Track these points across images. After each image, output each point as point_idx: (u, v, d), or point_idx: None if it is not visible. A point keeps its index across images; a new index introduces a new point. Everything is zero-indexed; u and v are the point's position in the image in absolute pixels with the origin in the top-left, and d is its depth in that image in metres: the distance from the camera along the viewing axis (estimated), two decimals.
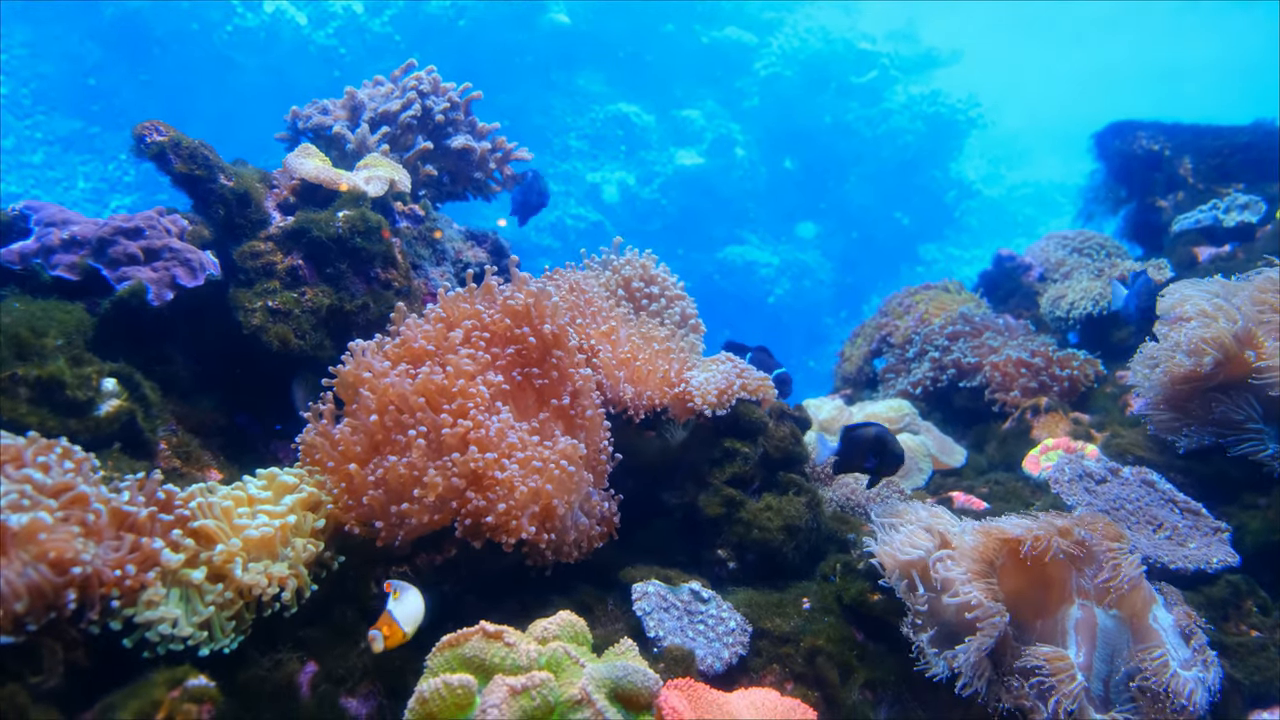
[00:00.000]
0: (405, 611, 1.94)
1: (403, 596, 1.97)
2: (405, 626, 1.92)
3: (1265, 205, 4.59)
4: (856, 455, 2.82)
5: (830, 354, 5.85)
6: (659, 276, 3.33)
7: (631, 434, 2.96)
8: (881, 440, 2.79)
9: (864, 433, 2.81)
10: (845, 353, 5.33)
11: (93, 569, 1.73)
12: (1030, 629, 2.28)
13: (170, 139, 2.84)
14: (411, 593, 1.99)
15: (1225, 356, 2.97)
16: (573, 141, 17.26)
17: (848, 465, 2.87)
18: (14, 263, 2.59)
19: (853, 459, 2.83)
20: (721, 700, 2.02)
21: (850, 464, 2.85)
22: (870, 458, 2.81)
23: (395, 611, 1.93)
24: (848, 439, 2.81)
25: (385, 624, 1.90)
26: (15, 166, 14.42)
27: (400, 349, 2.52)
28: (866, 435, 2.80)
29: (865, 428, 2.83)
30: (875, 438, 2.79)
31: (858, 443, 2.81)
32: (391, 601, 1.95)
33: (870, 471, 2.85)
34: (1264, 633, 2.56)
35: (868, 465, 2.83)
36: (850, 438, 2.81)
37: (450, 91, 3.81)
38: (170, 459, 2.51)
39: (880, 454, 2.80)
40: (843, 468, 2.89)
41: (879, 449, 2.79)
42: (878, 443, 2.79)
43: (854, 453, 2.82)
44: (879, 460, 2.80)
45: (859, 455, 2.81)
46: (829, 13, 19.39)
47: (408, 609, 1.95)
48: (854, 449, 2.81)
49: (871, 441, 2.80)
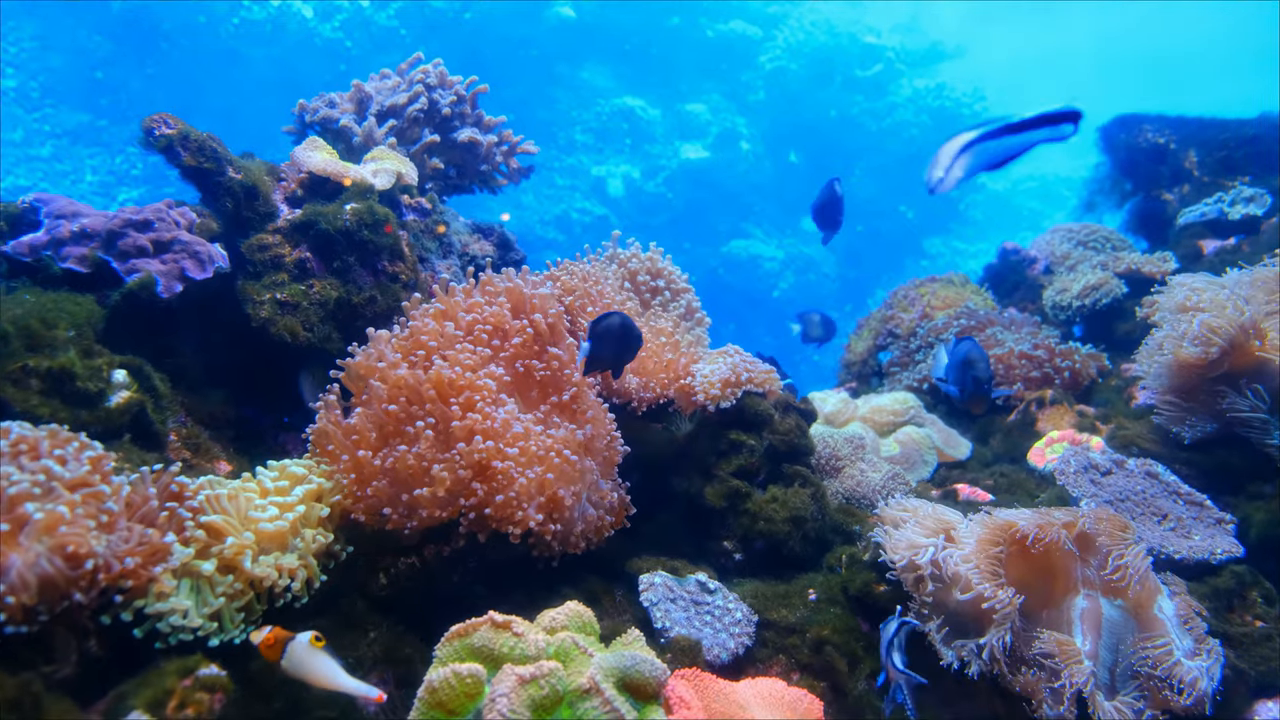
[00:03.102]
0: (309, 648, 1.82)
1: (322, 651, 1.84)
2: (301, 637, 1.82)
3: (1270, 198, 4.58)
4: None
5: (835, 347, 5.85)
6: (665, 270, 3.33)
7: (638, 426, 2.97)
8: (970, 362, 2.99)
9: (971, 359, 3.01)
10: (850, 345, 5.33)
11: (105, 560, 1.75)
12: (1036, 619, 2.29)
13: (179, 132, 2.85)
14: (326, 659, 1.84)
15: (1231, 345, 2.97)
16: (578, 135, 17.27)
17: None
18: (24, 255, 2.60)
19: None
20: (728, 690, 2.03)
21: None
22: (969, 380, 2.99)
23: (300, 639, 1.83)
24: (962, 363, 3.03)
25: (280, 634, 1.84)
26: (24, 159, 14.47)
27: (408, 341, 2.53)
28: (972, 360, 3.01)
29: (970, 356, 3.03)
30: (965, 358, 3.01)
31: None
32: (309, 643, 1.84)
33: (965, 395, 3.02)
34: (1268, 623, 2.56)
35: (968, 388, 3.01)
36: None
37: (456, 85, 3.82)
38: (180, 450, 2.52)
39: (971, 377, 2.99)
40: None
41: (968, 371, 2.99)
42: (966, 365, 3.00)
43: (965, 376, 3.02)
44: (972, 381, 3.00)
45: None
46: (834, 6, 19.35)
47: (312, 653, 1.82)
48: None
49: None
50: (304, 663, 1.79)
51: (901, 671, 2.10)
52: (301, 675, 1.80)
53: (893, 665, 2.12)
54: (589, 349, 2.56)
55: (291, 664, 1.80)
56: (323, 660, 1.80)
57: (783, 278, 17.30)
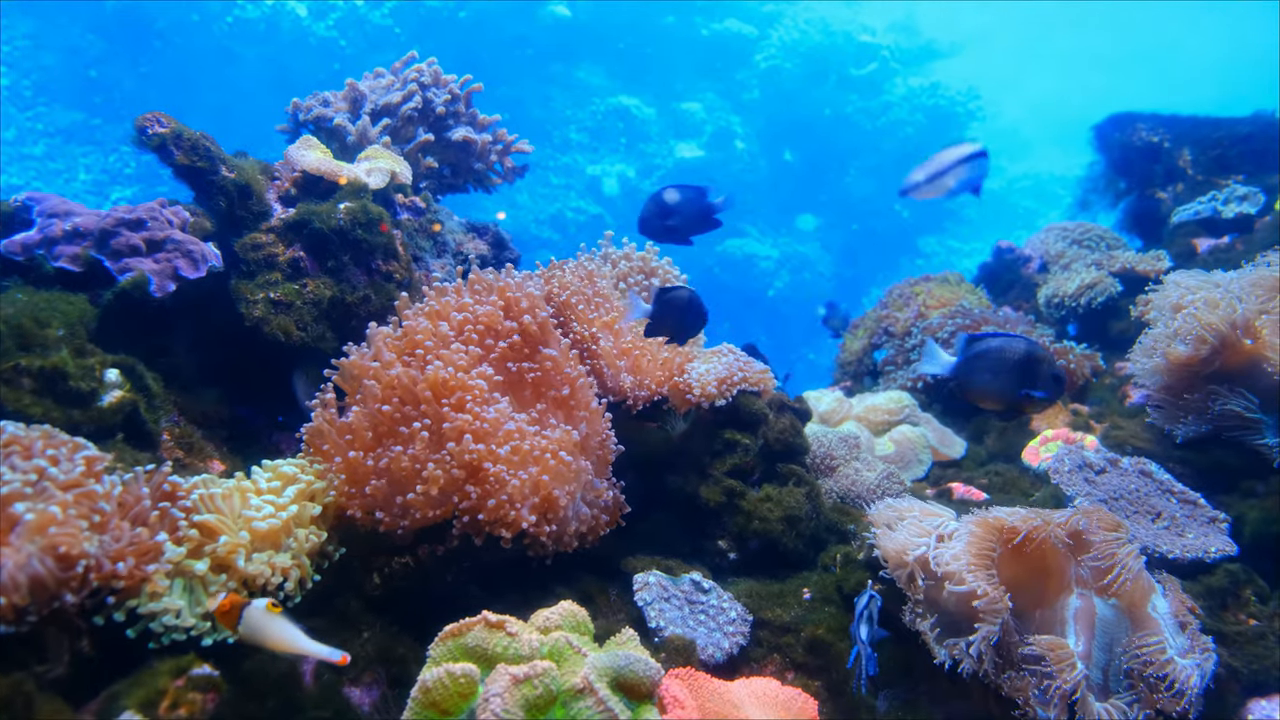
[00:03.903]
0: (265, 613, 1.81)
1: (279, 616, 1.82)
2: (257, 603, 1.79)
3: (1264, 196, 4.59)
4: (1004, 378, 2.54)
5: (830, 346, 5.85)
6: (659, 269, 3.33)
7: (633, 425, 2.96)
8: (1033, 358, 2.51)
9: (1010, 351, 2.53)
10: (845, 345, 5.33)
11: (97, 561, 1.74)
12: (1030, 618, 2.29)
13: (172, 131, 2.84)
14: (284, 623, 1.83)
15: (1223, 344, 2.98)
16: (573, 134, 17.27)
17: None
18: (17, 254, 2.59)
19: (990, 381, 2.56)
20: (723, 689, 2.03)
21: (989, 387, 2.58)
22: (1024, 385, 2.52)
23: (256, 604, 1.81)
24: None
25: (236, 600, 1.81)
26: (17, 158, 14.43)
27: (401, 340, 2.53)
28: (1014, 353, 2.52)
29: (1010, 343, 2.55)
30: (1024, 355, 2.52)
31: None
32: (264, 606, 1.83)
33: (1023, 403, 2.58)
34: (1262, 621, 2.57)
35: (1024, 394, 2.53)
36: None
37: (451, 84, 3.81)
38: (173, 450, 2.52)
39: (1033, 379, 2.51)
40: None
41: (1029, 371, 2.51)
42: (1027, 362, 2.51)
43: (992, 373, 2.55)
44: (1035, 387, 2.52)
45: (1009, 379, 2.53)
46: (829, 5, 19.38)
47: (269, 617, 1.81)
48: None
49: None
50: (262, 628, 1.77)
51: (863, 641, 2.09)
52: (260, 641, 1.77)
53: (858, 635, 2.12)
54: (650, 312, 2.57)
55: (249, 629, 1.77)
56: (280, 624, 1.77)
57: (778, 276, 17.32)
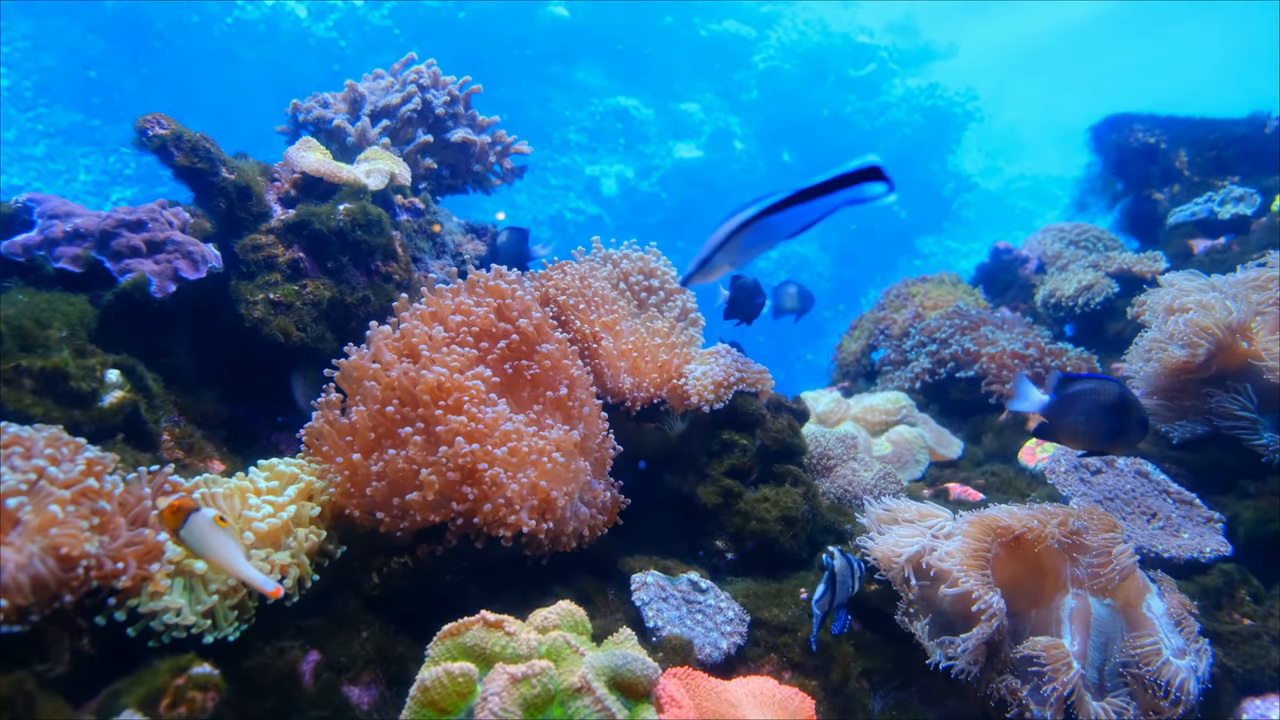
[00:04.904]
0: (211, 524, 1.78)
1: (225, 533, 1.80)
2: (206, 512, 1.78)
3: (1260, 197, 4.60)
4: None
5: (828, 347, 5.86)
6: (658, 270, 3.34)
7: (631, 426, 2.98)
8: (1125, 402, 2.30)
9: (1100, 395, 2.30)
10: (843, 345, 5.34)
11: (98, 560, 1.75)
12: (1025, 618, 2.30)
13: (172, 132, 2.85)
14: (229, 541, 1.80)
15: (1219, 347, 2.99)
16: (572, 135, 17.25)
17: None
18: (17, 255, 2.60)
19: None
20: (720, 689, 2.04)
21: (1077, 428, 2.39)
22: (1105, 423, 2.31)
23: (205, 512, 1.78)
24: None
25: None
26: (17, 159, 14.41)
27: (400, 342, 2.53)
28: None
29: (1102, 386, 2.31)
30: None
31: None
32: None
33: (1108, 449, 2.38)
34: (1256, 621, 2.58)
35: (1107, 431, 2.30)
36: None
37: (450, 85, 3.82)
38: (173, 450, 2.53)
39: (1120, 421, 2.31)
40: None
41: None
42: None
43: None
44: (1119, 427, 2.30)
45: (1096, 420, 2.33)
46: (827, 6, 19.40)
47: (214, 529, 1.78)
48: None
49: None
50: (204, 538, 1.75)
51: (813, 602, 2.18)
52: (200, 552, 1.76)
53: (813, 599, 2.20)
54: (731, 295, 2.94)
55: (190, 536, 1.76)
56: (224, 540, 1.76)
57: (776, 277, 17.31)
